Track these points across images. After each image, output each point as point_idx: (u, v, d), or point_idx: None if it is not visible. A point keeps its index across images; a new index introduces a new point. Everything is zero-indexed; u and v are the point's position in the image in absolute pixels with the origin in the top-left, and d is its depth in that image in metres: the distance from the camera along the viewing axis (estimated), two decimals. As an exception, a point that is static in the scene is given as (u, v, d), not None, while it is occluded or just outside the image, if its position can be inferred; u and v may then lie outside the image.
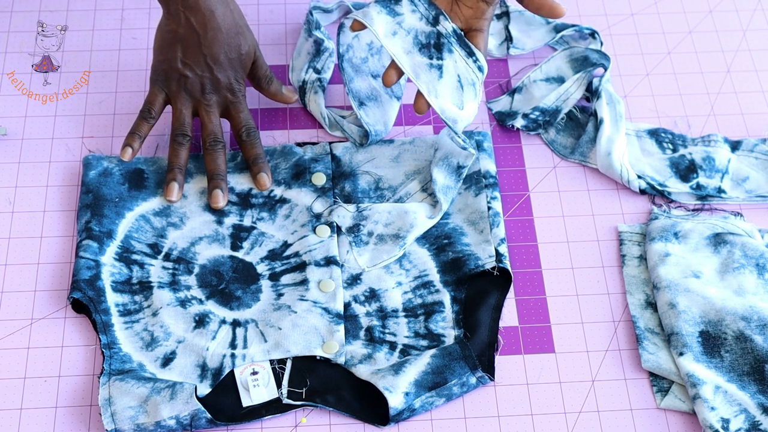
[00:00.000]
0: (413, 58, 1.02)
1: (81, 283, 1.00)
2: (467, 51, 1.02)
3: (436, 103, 1.01)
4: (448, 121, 1.02)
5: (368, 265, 1.03)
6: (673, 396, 0.98)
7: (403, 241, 1.04)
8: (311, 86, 1.13)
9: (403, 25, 1.02)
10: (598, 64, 1.15)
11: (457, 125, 1.02)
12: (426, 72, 1.02)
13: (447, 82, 1.02)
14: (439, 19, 1.02)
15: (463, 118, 1.03)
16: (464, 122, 1.03)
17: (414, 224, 1.04)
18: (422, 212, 1.05)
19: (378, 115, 1.10)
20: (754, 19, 1.24)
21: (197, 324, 1.00)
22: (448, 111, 1.02)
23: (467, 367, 0.97)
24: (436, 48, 1.02)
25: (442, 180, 1.06)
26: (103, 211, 1.04)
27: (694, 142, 1.13)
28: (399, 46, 1.02)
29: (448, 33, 1.02)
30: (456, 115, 1.02)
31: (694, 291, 1.01)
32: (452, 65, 1.02)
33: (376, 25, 1.01)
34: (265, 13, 1.23)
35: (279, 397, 0.97)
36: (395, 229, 1.04)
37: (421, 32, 1.02)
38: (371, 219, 1.05)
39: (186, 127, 1.07)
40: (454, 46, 1.02)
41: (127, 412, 0.93)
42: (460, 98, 1.02)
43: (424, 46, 1.02)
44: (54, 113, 1.14)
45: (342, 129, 1.12)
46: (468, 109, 1.03)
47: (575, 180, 1.11)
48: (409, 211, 1.05)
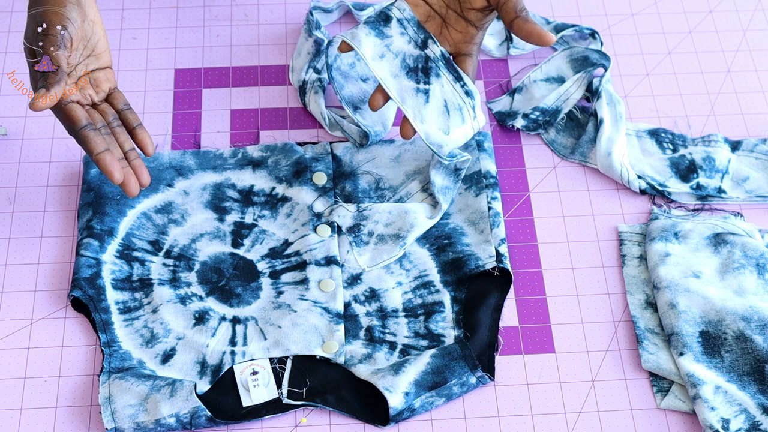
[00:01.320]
0: (400, 82, 1.01)
1: (81, 281, 1.00)
2: (455, 75, 1.02)
3: (422, 128, 1.01)
4: (433, 147, 1.01)
5: (368, 265, 1.03)
6: (673, 396, 0.98)
7: (403, 241, 1.04)
8: (311, 86, 1.13)
9: (392, 47, 1.01)
10: (598, 64, 1.15)
11: (443, 150, 1.02)
12: (412, 97, 1.01)
13: (433, 107, 1.02)
14: (428, 42, 1.02)
15: (448, 143, 1.02)
16: (450, 147, 1.02)
17: (414, 224, 1.04)
18: (422, 212, 1.05)
19: (375, 117, 1.10)
20: (754, 19, 1.24)
21: (197, 321, 1.00)
22: (433, 136, 1.01)
23: (467, 367, 0.97)
24: (424, 72, 1.01)
25: (441, 181, 1.06)
26: (105, 209, 1.05)
27: (694, 142, 1.13)
28: (386, 70, 1.01)
29: (437, 57, 1.02)
30: (441, 140, 1.02)
31: (695, 291, 1.01)
32: (439, 90, 1.02)
33: (364, 47, 1.00)
34: (265, 13, 1.23)
35: (279, 397, 0.97)
36: (396, 229, 1.05)
37: (409, 55, 1.02)
38: (371, 219, 1.05)
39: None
40: (442, 70, 1.02)
41: (127, 411, 0.93)
42: (446, 123, 1.02)
43: (412, 69, 1.02)
44: (54, 113, 1.14)
45: (342, 129, 1.12)
46: (454, 134, 1.02)
47: (575, 180, 1.11)
48: (409, 211, 1.05)
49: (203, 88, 1.17)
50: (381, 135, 1.11)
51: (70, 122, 0.96)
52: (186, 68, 1.18)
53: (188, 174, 1.09)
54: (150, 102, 1.15)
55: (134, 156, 0.98)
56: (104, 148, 0.95)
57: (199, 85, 1.17)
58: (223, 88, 1.17)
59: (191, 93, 1.16)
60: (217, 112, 1.15)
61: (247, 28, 1.22)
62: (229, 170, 1.09)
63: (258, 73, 1.18)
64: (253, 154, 1.10)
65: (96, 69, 1.00)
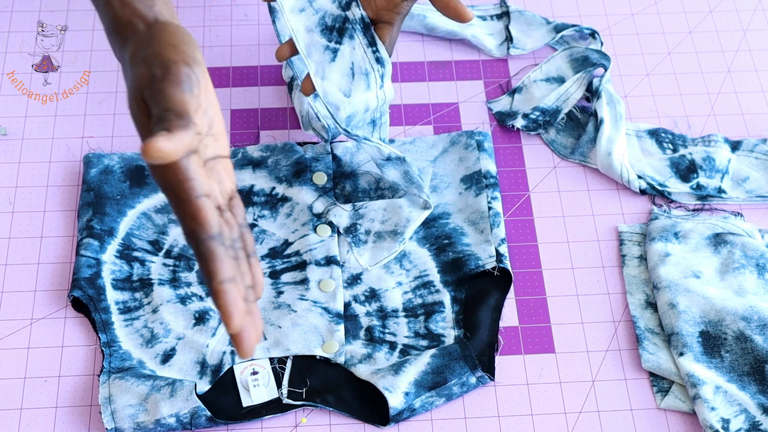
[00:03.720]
0: (312, 37, 1.01)
1: (81, 281, 1.00)
2: (369, 41, 1.01)
3: (320, 84, 1.00)
4: (330, 106, 1.01)
5: (370, 264, 1.03)
6: (673, 396, 0.98)
7: (401, 236, 1.04)
8: (298, 84, 1.13)
9: (314, 4, 1.01)
10: (598, 64, 1.15)
11: (339, 112, 1.01)
12: (319, 53, 1.01)
13: (339, 66, 1.01)
14: (351, 4, 1.01)
15: (347, 106, 1.01)
16: (347, 111, 1.02)
17: (410, 218, 1.04)
18: (416, 204, 1.05)
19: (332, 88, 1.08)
20: (754, 19, 1.24)
21: (197, 321, 1.00)
22: (331, 95, 1.01)
23: (467, 367, 0.97)
24: (338, 32, 1.01)
25: (395, 174, 1.05)
26: (105, 209, 1.05)
27: (694, 142, 1.13)
28: (302, 23, 1.01)
29: (355, 19, 1.01)
30: (339, 101, 1.01)
31: (695, 291, 1.01)
32: (349, 51, 1.01)
33: None
34: (265, 13, 1.23)
35: (279, 397, 0.97)
36: (392, 225, 1.05)
37: (329, 14, 1.01)
38: (367, 217, 1.05)
39: None
40: (357, 33, 1.01)
41: (127, 411, 0.93)
42: (348, 85, 1.01)
43: (327, 28, 1.01)
44: (54, 113, 1.14)
45: (312, 128, 1.11)
46: (355, 98, 1.01)
47: (575, 180, 1.11)
48: (403, 205, 1.05)
49: (203, 88, 1.16)
50: (337, 114, 1.08)
51: (194, 221, 0.68)
52: (186, 68, 1.18)
53: (188, 174, 1.09)
54: (150, 102, 1.15)
55: (252, 298, 0.70)
56: (231, 275, 0.68)
57: (199, 85, 1.17)
58: (223, 88, 1.17)
59: (191, 93, 1.16)
60: (217, 112, 1.15)
61: (247, 28, 1.22)
62: (229, 170, 1.09)
63: (258, 73, 1.18)
64: (253, 154, 1.10)
65: (215, 156, 0.72)
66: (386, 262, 1.04)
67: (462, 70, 1.18)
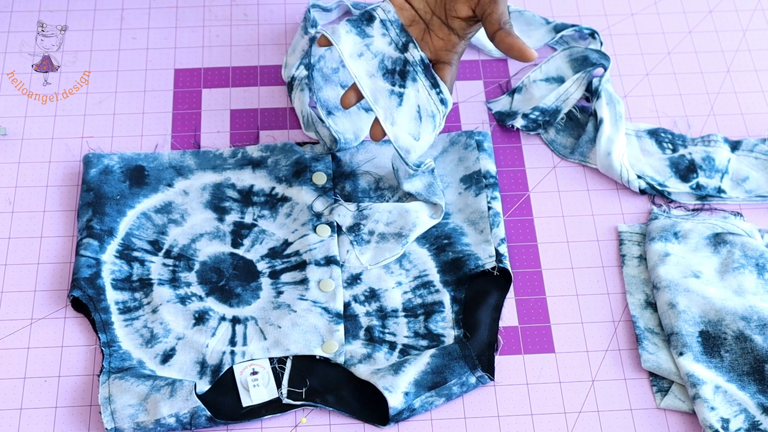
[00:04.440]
0: (375, 82, 1.00)
1: (81, 281, 1.00)
2: (432, 82, 1.01)
3: (392, 130, 1.00)
4: (401, 151, 1.00)
5: (371, 264, 1.03)
6: (673, 396, 0.98)
7: (405, 239, 1.04)
8: (299, 83, 1.13)
9: (371, 47, 1.01)
10: (598, 64, 1.15)
11: (410, 156, 1.01)
12: (386, 98, 1.00)
13: (406, 110, 1.01)
14: (409, 46, 1.01)
15: (417, 149, 1.01)
16: (417, 153, 1.02)
17: (416, 223, 1.04)
18: (424, 212, 1.05)
19: (347, 125, 1.09)
20: (754, 19, 1.24)
21: (197, 321, 1.00)
22: (402, 140, 1.00)
23: (467, 367, 0.97)
24: (401, 75, 1.01)
25: (419, 184, 1.05)
26: (105, 209, 1.05)
27: (693, 142, 1.13)
28: (363, 69, 1.00)
29: (415, 61, 1.01)
30: (410, 145, 1.01)
31: (694, 291, 1.01)
32: (414, 94, 1.01)
33: (343, 44, 0.99)
34: (264, 13, 1.23)
35: (279, 397, 0.97)
36: (397, 228, 1.04)
37: (388, 57, 1.01)
38: (372, 218, 1.05)
39: None
40: (419, 75, 1.01)
41: (126, 411, 0.93)
42: (417, 129, 1.01)
43: (389, 71, 1.01)
44: (54, 113, 1.14)
45: (316, 131, 1.11)
46: (424, 140, 1.02)
47: (575, 180, 1.11)
48: (410, 210, 1.05)
49: (203, 88, 1.17)
50: (351, 144, 1.10)
51: None
52: (186, 68, 1.18)
53: (188, 174, 1.09)
54: (150, 102, 1.15)
55: None
56: None
57: (199, 85, 1.17)
58: (223, 88, 1.17)
59: (191, 93, 1.16)
60: (217, 112, 1.15)
61: (246, 28, 1.22)
62: (228, 170, 1.09)
63: (258, 73, 1.18)
64: (252, 154, 1.10)
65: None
66: (386, 263, 1.04)
67: (462, 70, 1.18)
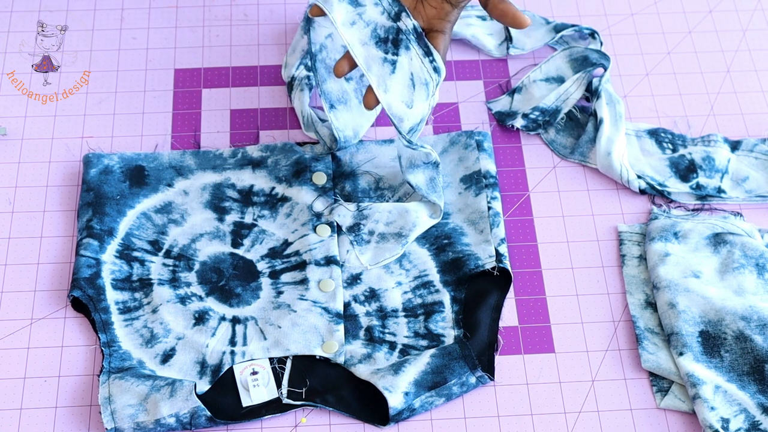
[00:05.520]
0: (368, 50, 1.00)
1: (81, 281, 1.00)
2: (425, 50, 1.01)
3: (384, 98, 1.00)
4: (394, 119, 1.00)
5: (371, 263, 1.03)
6: (673, 396, 0.98)
7: (405, 239, 1.04)
8: (299, 83, 1.13)
9: (364, 16, 1.00)
10: (598, 64, 1.15)
11: (403, 124, 1.01)
12: (378, 65, 1.00)
13: (399, 78, 1.00)
14: (401, 15, 1.01)
15: (410, 116, 1.01)
16: (411, 121, 1.01)
17: (416, 223, 1.04)
18: (423, 211, 1.05)
19: (347, 119, 1.09)
20: (754, 19, 1.24)
21: (197, 321, 1.00)
22: (395, 107, 1.00)
23: (467, 367, 0.97)
24: (393, 44, 1.00)
25: (422, 177, 1.05)
26: (105, 209, 1.05)
27: (693, 142, 1.13)
28: (355, 37, 1.00)
29: (408, 30, 1.01)
30: (403, 113, 1.01)
31: (694, 291, 1.01)
32: (407, 62, 1.01)
33: (336, 12, 0.99)
34: (265, 13, 1.23)
35: (279, 397, 0.97)
36: (397, 228, 1.04)
37: (380, 26, 1.01)
38: (372, 218, 1.05)
39: None
40: (412, 43, 1.01)
41: (126, 411, 0.93)
42: (410, 96, 1.01)
43: (382, 40, 1.00)
44: (54, 113, 1.14)
45: (315, 131, 1.11)
46: (417, 108, 1.01)
47: (575, 180, 1.11)
48: (410, 210, 1.05)
49: (203, 88, 1.17)
50: (350, 141, 1.10)
51: None
52: (186, 68, 1.18)
53: (188, 174, 1.09)
54: (150, 102, 1.15)
55: None
56: None
57: (199, 85, 1.17)
58: (223, 88, 1.17)
59: (191, 93, 1.16)
60: (217, 112, 1.15)
61: (246, 28, 1.22)
62: (228, 170, 1.09)
63: (258, 73, 1.18)
64: (252, 154, 1.10)
65: None
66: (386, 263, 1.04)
67: (462, 70, 1.18)
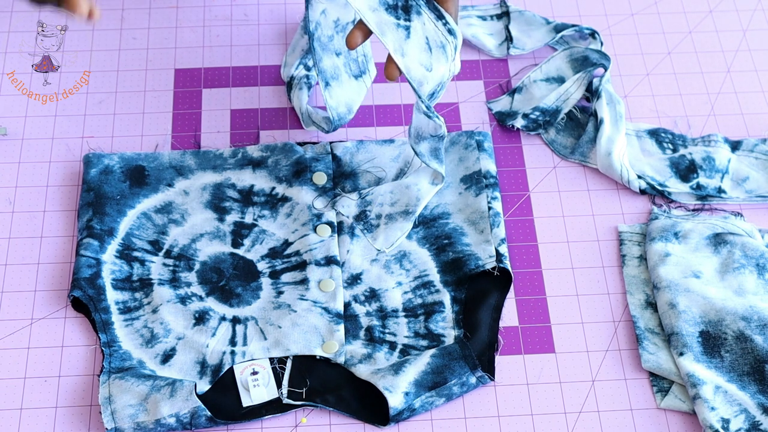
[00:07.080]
0: (380, 16, 0.98)
1: (81, 281, 1.00)
2: (437, 14, 0.99)
3: (402, 62, 0.98)
4: (414, 82, 0.99)
5: (386, 246, 1.03)
6: (673, 396, 0.98)
7: (413, 215, 1.03)
8: (297, 82, 1.13)
9: None
10: (598, 64, 1.15)
11: (423, 87, 0.99)
12: (393, 30, 0.98)
13: (415, 42, 0.99)
14: None
15: (430, 80, 0.99)
16: (431, 84, 1.00)
17: (420, 196, 1.04)
18: (424, 180, 1.04)
19: (340, 95, 1.08)
20: (754, 19, 1.24)
21: (197, 321, 1.00)
22: (414, 71, 0.99)
23: (467, 367, 0.97)
24: (404, 10, 0.99)
25: (426, 145, 1.03)
26: (105, 209, 1.05)
27: (694, 142, 1.13)
28: (365, 4, 0.98)
29: None
30: (423, 76, 0.99)
31: (694, 291, 1.01)
32: (420, 27, 0.99)
33: None
34: (265, 13, 1.23)
35: (279, 397, 0.97)
36: (402, 206, 1.04)
37: None
38: (375, 202, 1.05)
39: None
40: (423, 8, 0.99)
41: (127, 411, 0.93)
42: (428, 60, 0.99)
43: (391, 6, 0.99)
44: (54, 113, 1.14)
45: (312, 121, 1.11)
46: (437, 71, 1.00)
47: (575, 180, 1.11)
48: (410, 184, 1.04)
49: (203, 88, 1.17)
50: (345, 118, 1.08)
51: None
52: (186, 68, 1.18)
53: (188, 174, 1.09)
54: (150, 102, 1.15)
55: None
56: None
57: (199, 85, 1.17)
58: (223, 88, 1.17)
59: (191, 93, 1.16)
60: (217, 112, 1.15)
61: (247, 28, 1.22)
62: (229, 170, 1.09)
63: (258, 73, 1.18)
64: (253, 154, 1.10)
65: None
66: (395, 251, 1.03)
67: (462, 70, 1.18)
